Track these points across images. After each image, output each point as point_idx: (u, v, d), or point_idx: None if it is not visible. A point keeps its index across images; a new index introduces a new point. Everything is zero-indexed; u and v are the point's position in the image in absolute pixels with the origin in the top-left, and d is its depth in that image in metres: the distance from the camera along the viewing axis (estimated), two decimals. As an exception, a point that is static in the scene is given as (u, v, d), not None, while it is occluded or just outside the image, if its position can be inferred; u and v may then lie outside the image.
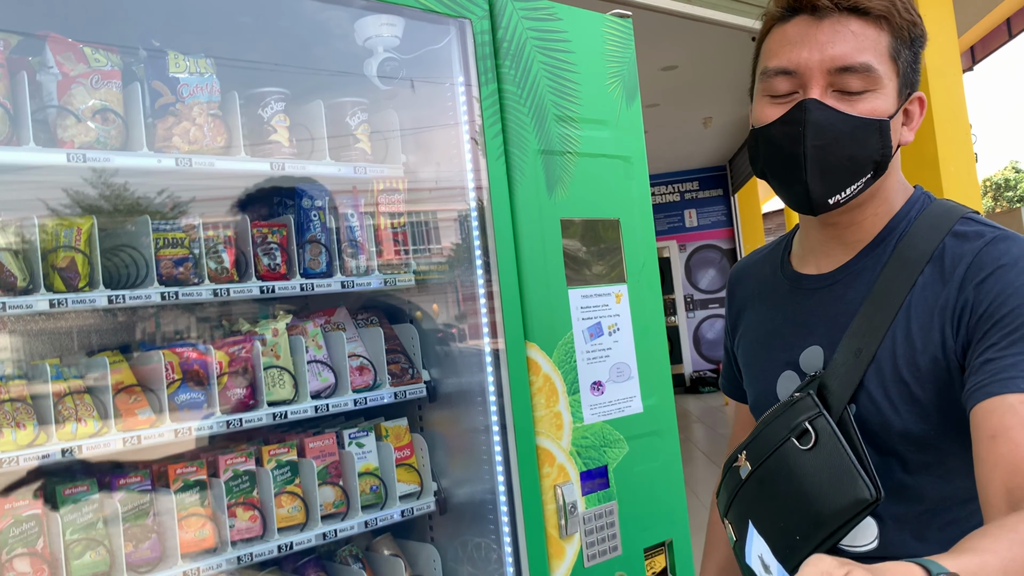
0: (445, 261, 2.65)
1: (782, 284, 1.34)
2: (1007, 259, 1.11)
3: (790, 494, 1.14)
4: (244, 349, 2.27)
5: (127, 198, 2.25)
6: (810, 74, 1.14)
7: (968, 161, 5.73)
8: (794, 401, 1.18)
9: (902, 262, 1.18)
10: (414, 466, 2.53)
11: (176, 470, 2.16)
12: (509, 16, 2.38)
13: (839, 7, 1.14)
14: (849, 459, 1.12)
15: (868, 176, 1.18)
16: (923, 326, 1.15)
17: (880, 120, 1.15)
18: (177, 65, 2.16)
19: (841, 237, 1.26)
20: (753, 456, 1.20)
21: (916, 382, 1.14)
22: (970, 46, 9.31)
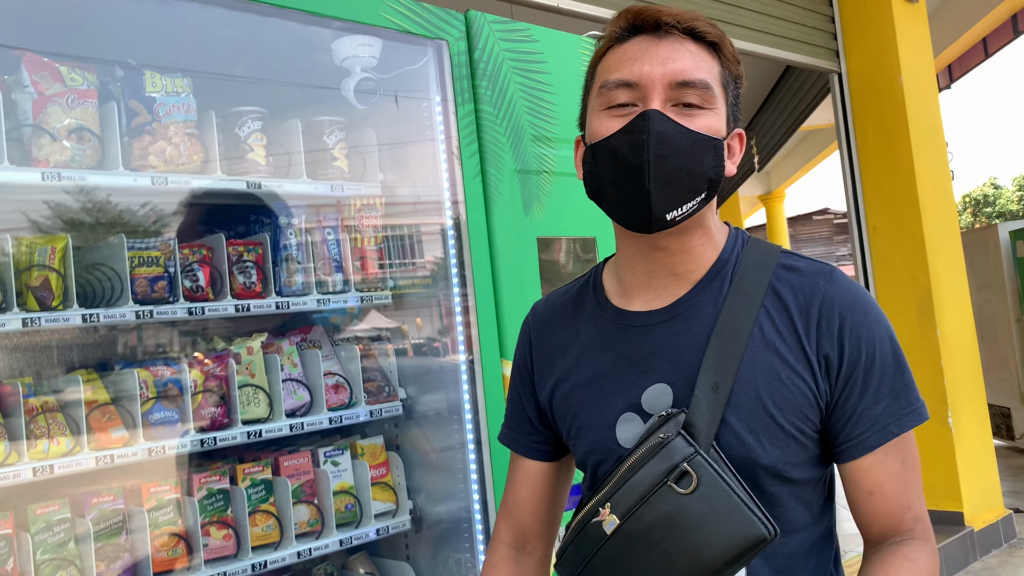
0: (422, 278, 2.66)
1: (605, 324, 1.26)
2: (848, 301, 1.17)
3: (672, 542, 1.08)
4: (219, 367, 2.27)
5: (103, 217, 2.25)
6: (651, 86, 1.14)
7: (944, 179, 5.80)
8: (663, 443, 1.11)
9: (741, 295, 1.18)
10: (390, 484, 2.53)
11: (149, 489, 2.15)
12: (486, 38, 2.40)
13: (679, 28, 1.16)
14: (738, 498, 1.08)
15: (703, 195, 1.17)
16: (784, 360, 1.15)
17: (716, 138, 1.16)
18: (154, 84, 2.16)
19: (671, 266, 1.21)
20: (620, 508, 1.10)
21: (780, 414, 1.14)
22: (947, 64, 9.42)
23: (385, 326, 2.73)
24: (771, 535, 1.08)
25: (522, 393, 1.37)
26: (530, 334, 1.37)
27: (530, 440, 1.36)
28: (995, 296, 8.09)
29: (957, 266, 5.67)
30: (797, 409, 1.14)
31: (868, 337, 1.15)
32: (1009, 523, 5.52)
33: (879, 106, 5.70)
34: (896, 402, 1.16)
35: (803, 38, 5.64)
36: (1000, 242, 7.97)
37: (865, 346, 1.15)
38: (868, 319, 1.16)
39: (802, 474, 1.18)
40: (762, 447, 1.13)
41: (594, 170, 1.19)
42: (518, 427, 1.38)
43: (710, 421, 1.12)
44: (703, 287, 1.21)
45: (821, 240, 31.52)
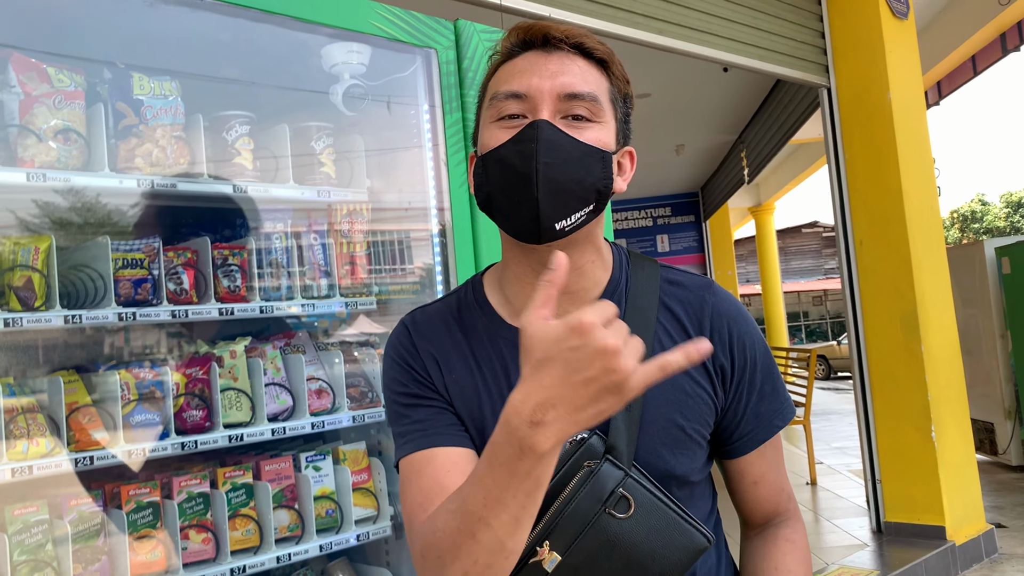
0: (410, 284, 2.66)
1: (504, 345, 1.21)
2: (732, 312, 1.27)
3: (617, 567, 1.09)
4: (201, 370, 2.27)
5: (87, 218, 2.25)
6: (540, 97, 1.15)
7: (931, 194, 5.84)
8: (592, 471, 1.10)
9: (638, 313, 1.21)
10: (371, 490, 2.53)
11: (129, 491, 2.15)
12: (475, 47, 2.42)
13: (568, 43, 1.19)
14: (675, 513, 1.11)
15: (591, 207, 1.16)
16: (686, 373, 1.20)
17: (604, 151, 1.17)
18: (141, 87, 2.17)
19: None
20: (559, 544, 1.08)
21: (688, 424, 1.20)
22: (937, 81, 9.50)
23: (372, 332, 2.73)
24: (710, 542, 1.13)
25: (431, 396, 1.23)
26: (413, 340, 1.26)
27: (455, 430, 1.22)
28: (980, 312, 8.15)
29: (942, 281, 5.71)
30: (701, 418, 1.22)
31: (751, 344, 1.26)
32: (991, 538, 5.55)
33: (867, 121, 5.75)
34: (775, 399, 1.28)
35: (793, 52, 5.68)
36: (986, 258, 8.02)
37: (749, 352, 1.26)
38: (749, 327, 1.27)
39: (701, 475, 1.26)
40: (675, 458, 1.19)
41: (484, 181, 1.18)
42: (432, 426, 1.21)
43: (629, 441, 1.14)
44: None
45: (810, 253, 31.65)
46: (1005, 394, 7.87)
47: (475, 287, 1.30)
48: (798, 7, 5.75)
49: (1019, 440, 7.78)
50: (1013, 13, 7.49)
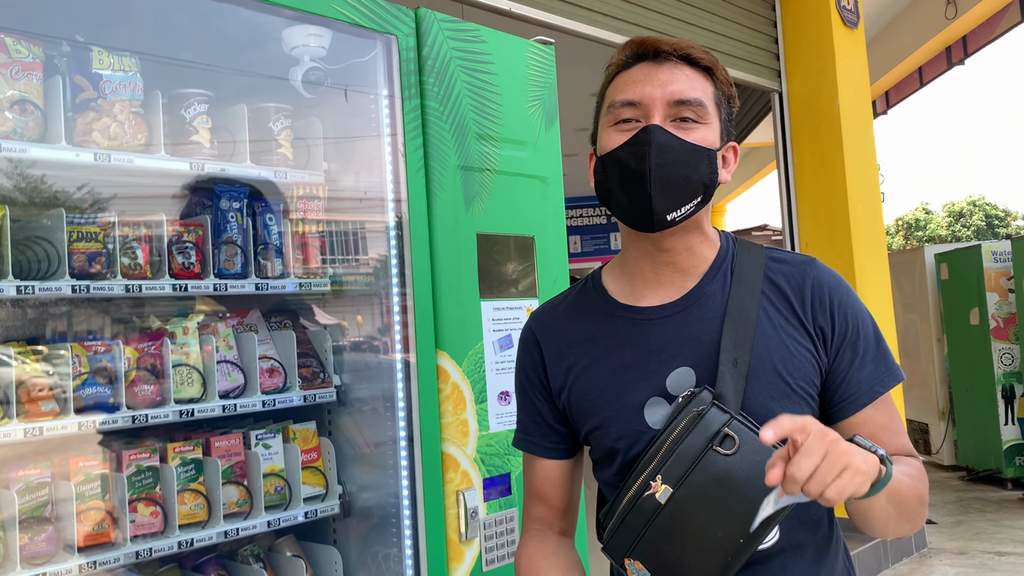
0: (364, 275, 2.70)
1: (619, 322, 1.40)
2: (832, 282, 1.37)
3: (724, 501, 1.21)
4: (154, 346, 2.28)
5: (43, 191, 2.24)
6: (653, 105, 1.31)
7: (875, 199, 6.02)
8: (700, 415, 1.24)
9: (744, 285, 1.36)
10: (320, 469, 2.57)
11: (78, 463, 2.15)
12: (435, 35, 2.46)
13: (676, 55, 1.34)
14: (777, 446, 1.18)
15: (699, 199, 1.34)
16: (789, 334, 1.33)
17: (709, 149, 1.33)
18: (101, 61, 2.17)
19: (676, 263, 1.38)
20: (671, 477, 1.23)
21: (793, 380, 1.31)
22: (885, 91, 9.76)
23: (326, 323, 2.76)
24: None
25: (535, 398, 1.49)
26: (537, 340, 1.48)
27: (548, 442, 1.49)
28: (919, 316, 8.41)
29: (883, 285, 5.90)
30: (805, 375, 1.32)
31: (852, 312, 1.35)
32: (921, 534, 5.76)
33: (816, 127, 5.91)
34: (877, 367, 1.35)
35: (747, 57, 5.82)
36: (926, 264, 8.29)
37: (851, 320, 1.35)
38: (851, 298, 1.37)
39: None
40: (782, 409, 1.28)
41: (603, 179, 1.36)
42: (535, 431, 1.50)
43: (736, 391, 1.27)
44: (709, 280, 1.37)
45: (760, 256, 32.20)
46: (940, 396, 8.14)
47: (594, 277, 1.49)
48: (752, 12, 5.88)
49: (952, 441, 8.05)
50: (959, 27, 7.74)
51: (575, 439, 1.48)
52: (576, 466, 1.53)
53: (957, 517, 6.49)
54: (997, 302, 7.44)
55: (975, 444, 7.67)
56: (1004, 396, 7.34)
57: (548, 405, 1.48)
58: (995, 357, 7.37)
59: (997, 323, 7.43)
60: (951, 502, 7.00)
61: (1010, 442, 7.27)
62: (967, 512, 6.63)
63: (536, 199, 2.72)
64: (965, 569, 5.29)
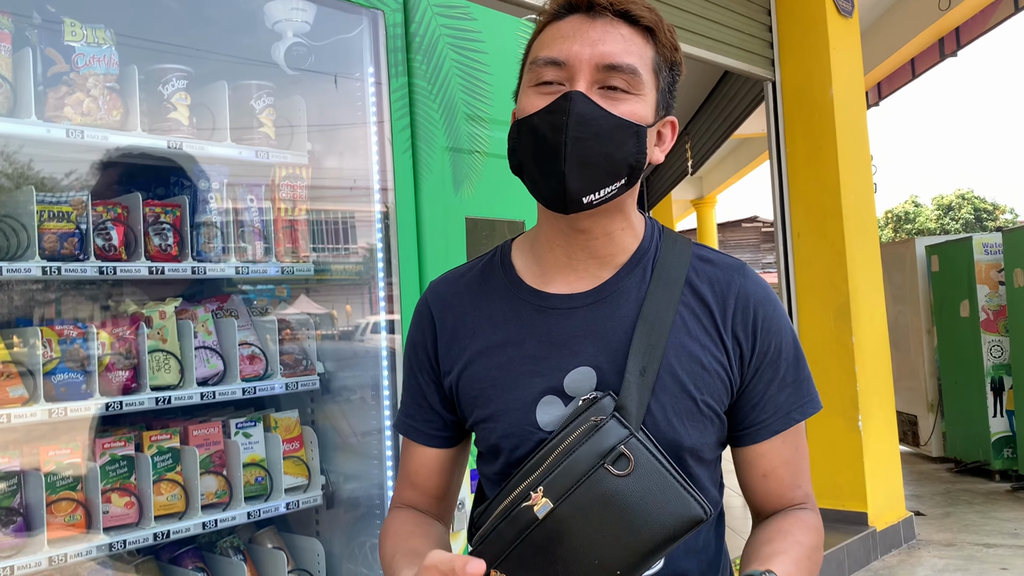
0: (353, 264, 2.62)
1: (523, 305, 1.24)
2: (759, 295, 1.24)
3: (607, 525, 1.07)
4: (129, 330, 2.20)
5: (11, 168, 2.15)
6: (579, 66, 1.14)
7: (867, 191, 5.98)
8: (597, 425, 1.10)
9: (663, 284, 1.21)
10: (303, 459, 2.49)
11: (48, 452, 2.07)
12: (423, 11, 2.38)
13: (612, 10, 1.16)
14: (675, 478, 1.10)
15: (623, 180, 1.17)
16: (703, 345, 1.20)
17: (638, 125, 1.16)
18: (73, 34, 2.08)
19: (592, 249, 1.23)
20: (553, 491, 1.08)
21: (700, 396, 1.18)
22: (877, 82, 9.71)
23: (313, 312, 2.68)
24: (706, 515, 1.10)
25: (421, 378, 1.32)
26: (432, 314, 1.31)
27: (429, 427, 1.32)
28: (909, 308, 8.39)
29: (875, 275, 5.86)
30: (715, 392, 1.19)
31: (776, 330, 1.23)
32: (909, 525, 5.74)
33: (809, 116, 5.85)
34: (797, 391, 1.24)
35: (741, 44, 5.74)
36: (916, 256, 8.26)
37: (773, 338, 1.22)
38: (776, 313, 1.24)
39: (712, 454, 1.23)
40: (685, 429, 1.17)
41: (517, 146, 1.18)
42: (416, 414, 1.33)
43: (640, 404, 1.13)
44: (626, 273, 1.22)
45: (749, 247, 32.20)
46: (929, 388, 8.12)
47: (503, 250, 1.32)
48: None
49: (940, 432, 8.05)
50: (952, 19, 7.69)
51: (460, 427, 1.31)
52: (459, 456, 1.36)
53: (945, 509, 6.48)
54: (987, 294, 7.42)
55: (964, 436, 7.67)
56: (993, 388, 7.33)
57: (434, 387, 1.30)
58: (984, 349, 7.35)
59: (987, 315, 7.41)
60: (939, 494, 7.00)
61: (998, 434, 7.26)
62: (955, 504, 6.62)
63: (526, 183, 2.65)
64: (954, 561, 5.27)
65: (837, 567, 4.90)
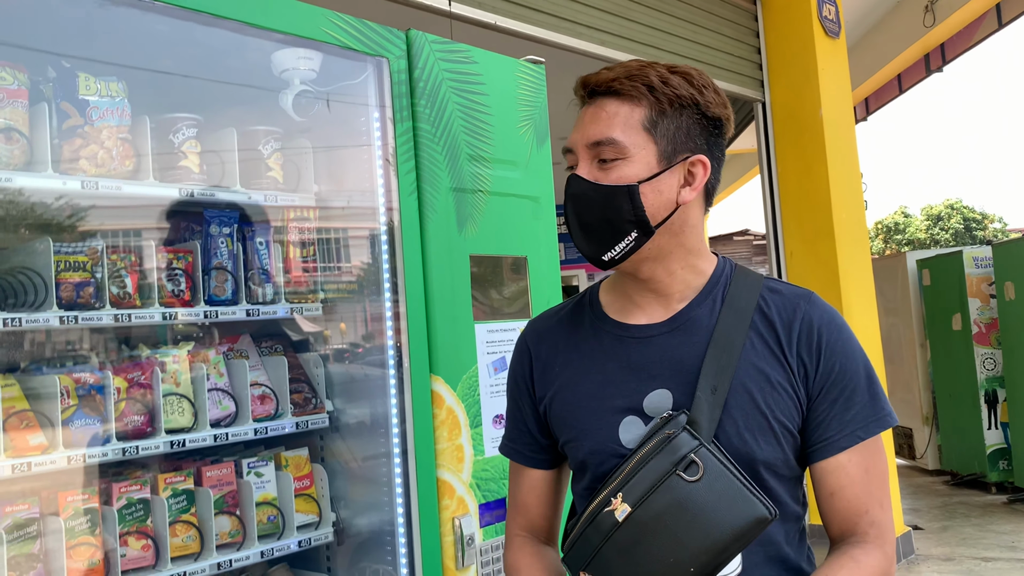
0: (347, 283, 2.68)
1: (606, 336, 1.40)
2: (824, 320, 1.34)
3: (681, 527, 1.20)
4: (143, 375, 2.24)
5: (29, 219, 2.20)
6: (578, 151, 1.34)
7: (858, 207, 6.05)
8: (670, 438, 1.24)
9: (734, 312, 1.34)
10: (313, 496, 2.53)
11: (67, 497, 2.11)
12: (426, 57, 2.44)
13: (598, 91, 1.34)
14: (740, 483, 1.21)
15: (633, 234, 1.32)
16: (772, 367, 1.31)
17: (628, 185, 1.30)
18: (87, 87, 2.13)
19: (656, 290, 1.38)
20: (631, 496, 1.23)
21: (771, 414, 1.29)
22: (864, 98, 9.83)
23: (309, 331, 2.73)
24: (772, 515, 1.21)
25: (522, 405, 1.49)
26: (529, 348, 1.49)
27: (530, 451, 1.49)
28: (901, 321, 8.46)
29: (867, 293, 5.93)
30: (785, 410, 1.29)
31: (841, 351, 1.31)
32: (908, 540, 5.78)
33: (799, 136, 5.93)
34: (864, 411, 1.30)
35: (730, 67, 5.83)
36: (908, 270, 8.34)
37: (838, 359, 1.30)
38: (842, 336, 1.33)
39: (789, 470, 1.33)
40: (757, 443, 1.28)
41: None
42: (518, 439, 1.51)
43: (711, 419, 1.26)
44: (698, 303, 1.36)
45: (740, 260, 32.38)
46: (923, 401, 8.19)
47: (592, 291, 1.49)
48: (736, 23, 5.90)
49: (936, 445, 8.10)
50: (937, 35, 7.80)
51: (556, 450, 1.47)
52: (560, 477, 1.53)
53: (943, 523, 6.53)
54: (979, 307, 7.50)
55: (959, 449, 7.73)
56: (987, 401, 7.40)
57: (532, 413, 1.48)
58: (978, 362, 7.43)
59: (979, 328, 7.49)
60: (936, 507, 7.04)
61: (993, 446, 7.32)
62: (952, 517, 6.67)
63: (528, 219, 2.71)
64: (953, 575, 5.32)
65: (838, 584, 4.94)
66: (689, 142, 1.33)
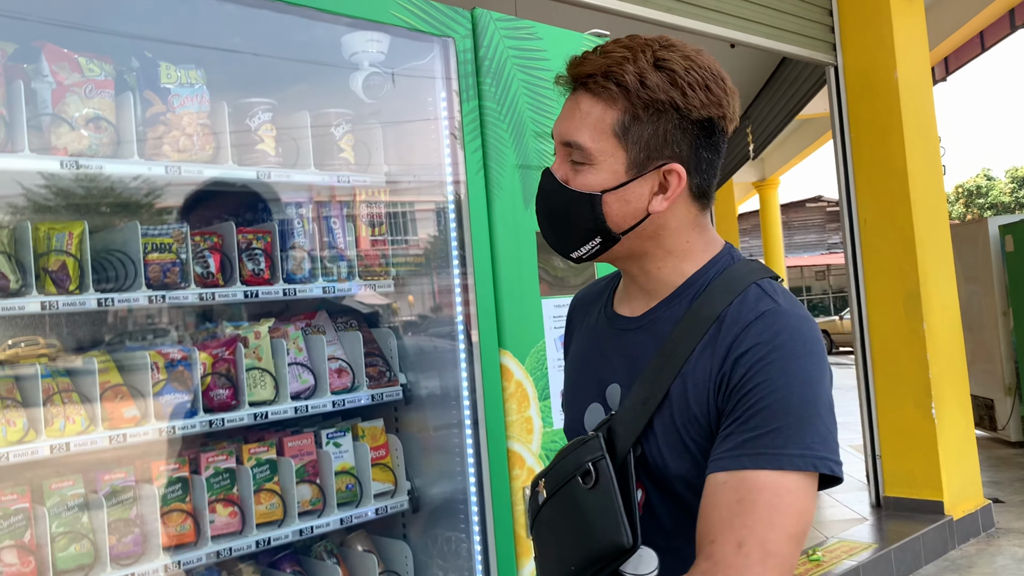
0: (415, 256, 2.74)
1: (602, 320, 1.40)
2: (764, 337, 1.17)
3: (572, 526, 1.22)
4: (227, 351, 2.35)
5: (118, 204, 2.31)
6: (556, 144, 1.29)
7: (936, 174, 5.87)
8: (586, 440, 1.25)
9: (692, 320, 1.24)
10: (389, 466, 2.62)
11: (159, 467, 2.23)
12: (491, 35, 2.47)
13: (574, 83, 1.25)
14: (616, 504, 1.18)
15: (597, 240, 1.27)
16: (697, 384, 1.20)
17: (591, 194, 1.23)
18: (168, 76, 2.23)
19: (638, 283, 1.33)
20: (549, 484, 1.28)
21: (687, 434, 1.20)
22: (944, 57, 9.48)
23: (378, 303, 2.81)
24: (629, 545, 1.17)
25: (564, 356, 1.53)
26: (571, 312, 1.53)
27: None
28: (983, 289, 8.20)
29: (946, 261, 5.77)
30: (702, 431, 1.19)
31: (769, 371, 1.15)
32: (988, 513, 5.66)
33: (874, 100, 5.77)
34: (767, 439, 1.12)
35: (800, 30, 5.69)
36: (989, 236, 8.06)
37: (761, 377, 1.15)
38: (779, 356, 1.16)
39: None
40: (673, 459, 1.22)
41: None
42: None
43: (631, 430, 1.23)
44: (665, 305, 1.29)
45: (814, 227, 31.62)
46: (1006, 371, 7.95)
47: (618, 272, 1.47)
48: (807, -15, 5.75)
49: (1018, 416, 7.87)
50: (1022, -10, 7.47)
51: None
52: None
53: (1025, 495, 6.37)
54: (1065, 274, 7.22)
55: (1043, 420, 7.50)
56: (1073, 370, 7.14)
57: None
58: (1063, 330, 7.17)
59: (1065, 295, 7.21)
60: (1019, 480, 6.86)
61: (1080, 417, 7.08)
62: (1035, 490, 6.50)
63: (594, 194, 2.72)
64: (1034, 549, 5.20)
65: (913, 557, 4.88)
66: (666, 149, 1.22)
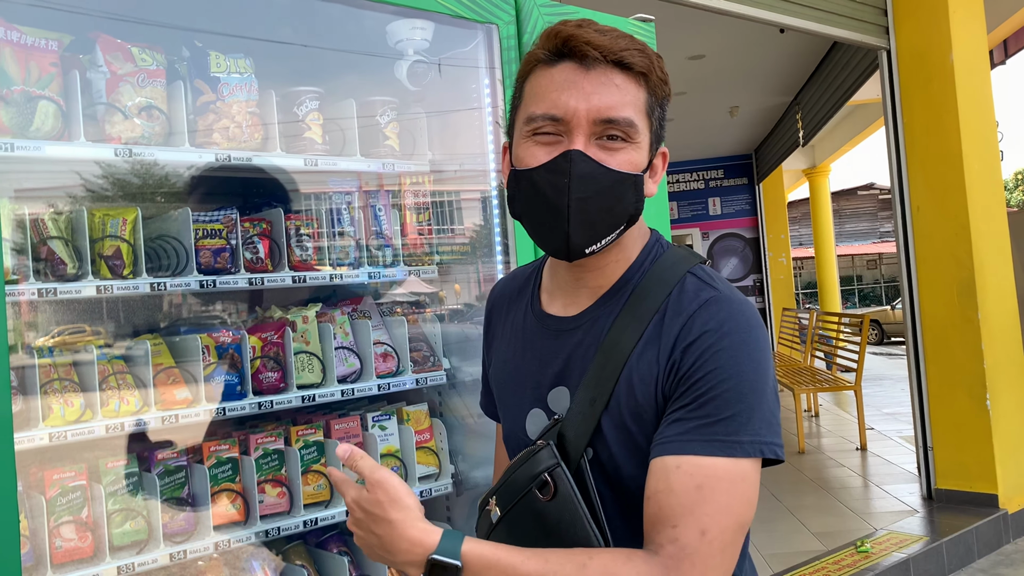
0: (461, 244, 2.76)
1: (531, 320, 1.33)
2: (712, 325, 1.15)
3: (537, 541, 1.16)
4: (276, 335, 2.40)
5: (170, 190, 2.37)
6: (576, 122, 1.15)
7: (993, 160, 5.73)
8: (536, 450, 1.20)
9: (632, 315, 1.21)
10: (433, 449, 2.65)
11: (210, 447, 2.29)
12: (535, 21, 2.47)
13: (606, 59, 1.16)
14: (582, 511, 1.16)
15: (622, 227, 1.21)
16: (643, 379, 1.17)
17: (636, 175, 1.18)
18: (218, 65, 2.27)
19: (586, 281, 1.26)
20: (502, 502, 1.22)
21: (639, 431, 1.17)
22: (1003, 39, 9.22)
23: (423, 291, 2.84)
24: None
25: (485, 363, 1.49)
26: (490, 308, 1.48)
27: (492, 407, 1.49)
28: (1041, 278, 7.99)
29: (1002, 249, 5.63)
30: (651, 425, 1.17)
31: (719, 357, 1.13)
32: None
33: (928, 84, 5.65)
34: (719, 426, 1.11)
35: (852, 14, 5.59)
36: (1049, 223, 7.85)
37: (711, 364, 1.13)
38: (729, 344, 1.14)
39: None
40: (626, 460, 1.19)
41: (517, 195, 1.22)
42: (485, 392, 1.53)
43: (581, 434, 1.20)
44: (603, 302, 1.25)
45: (865, 215, 31.04)
46: (1064, 362, 7.74)
47: (542, 264, 1.40)
48: (859, -33, 5.64)
49: (1077, 408, 7.66)
50: (1086, -31, 7.23)
51: None
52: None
53: (1084, 489, 6.19)
54: None
55: (1103, 412, 7.28)
56: None
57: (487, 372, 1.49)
58: None
59: None
60: (1077, 473, 6.68)
61: None
62: (1095, 484, 6.32)
63: (639, 180, 2.72)
64: (1093, 544, 5.07)
65: (965, 551, 4.80)
66: (662, 132, 1.23)
